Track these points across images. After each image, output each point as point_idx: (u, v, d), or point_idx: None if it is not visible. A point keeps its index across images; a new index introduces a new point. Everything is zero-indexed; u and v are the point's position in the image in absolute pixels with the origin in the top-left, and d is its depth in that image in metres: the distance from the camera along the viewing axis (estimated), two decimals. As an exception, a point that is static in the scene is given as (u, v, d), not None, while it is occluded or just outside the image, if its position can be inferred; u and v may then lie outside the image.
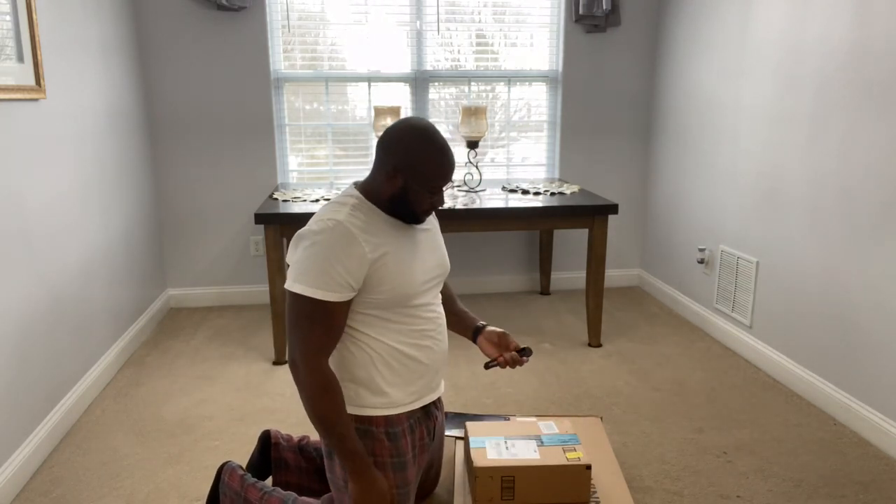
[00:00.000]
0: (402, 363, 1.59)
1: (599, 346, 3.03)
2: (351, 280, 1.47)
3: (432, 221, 1.75)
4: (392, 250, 1.52)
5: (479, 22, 3.56)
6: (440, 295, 1.75)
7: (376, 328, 1.57)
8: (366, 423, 1.58)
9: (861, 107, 2.21)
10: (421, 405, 1.64)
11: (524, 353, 1.73)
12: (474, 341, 1.79)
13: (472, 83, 3.63)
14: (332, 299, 1.46)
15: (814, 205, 2.45)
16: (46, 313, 2.21)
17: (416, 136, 1.50)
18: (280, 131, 3.54)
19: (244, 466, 1.91)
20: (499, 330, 1.77)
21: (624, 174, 3.81)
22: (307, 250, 1.47)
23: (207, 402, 2.50)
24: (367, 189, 1.57)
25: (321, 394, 1.48)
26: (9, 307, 1.98)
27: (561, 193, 3.15)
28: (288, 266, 1.56)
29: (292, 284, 1.47)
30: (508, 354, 1.73)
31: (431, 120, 3.63)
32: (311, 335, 1.48)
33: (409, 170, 1.50)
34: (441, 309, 1.71)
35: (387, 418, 1.58)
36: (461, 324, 1.82)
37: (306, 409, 1.51)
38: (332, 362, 1.62)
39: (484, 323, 1.81)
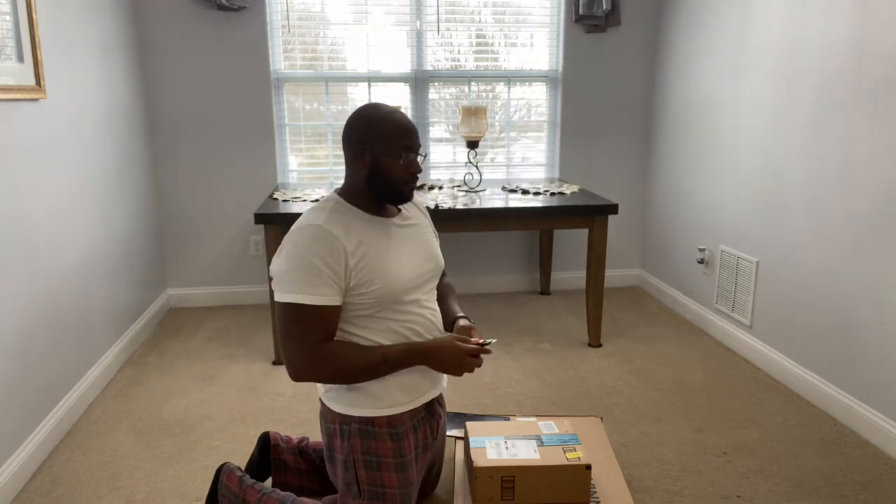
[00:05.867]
0: None
1: (599, 346, 3.03)
2: (336, 279, 1.47)
3: (420, 217, 1.75)
4: (373, 247, 1.53)
5: (479, 22, 3.56)
6: (434, 291, 1.74)
7: (369, 329, 1.57)
8: (368, 424, 1.58)
9: (861, 107, 2.21)
10: (422, 402, 1.63)
11: (485, 345, 1.64)
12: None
13: (472, 83, 3.63)
14: (321, 303, 1.46)
15: (814, 205, 2.45)
16: (46, 313, 2.21)
17: (365, 111, 1.57)
18: (280, 131, 3.54)
19: (243, 467, 1.91)
20: (467, 324, 1.68)
21: (624, 174, 3.81)
22: (289, 256, 1.48)
23: (207, 402, 2.50)
24: (345, 190, 1.62)
25: (340, 366, 1.49)
26: (8, 307, 1.98)
27: (561, 193, 3.15)
28: (270, 277, 1.55)
29: (281, 295, 1.48)
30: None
31: (431, 120, 3.63)
32: (305, 335, 1.47)
33: (370, 139, 1.54)
34: (435, 305, 1.70)
35: (390, 418, 1.58)
36: (444, 317, 1.78)
37: (347, 384, 1.55)
38: None
39: (461, 315, 1.74)
